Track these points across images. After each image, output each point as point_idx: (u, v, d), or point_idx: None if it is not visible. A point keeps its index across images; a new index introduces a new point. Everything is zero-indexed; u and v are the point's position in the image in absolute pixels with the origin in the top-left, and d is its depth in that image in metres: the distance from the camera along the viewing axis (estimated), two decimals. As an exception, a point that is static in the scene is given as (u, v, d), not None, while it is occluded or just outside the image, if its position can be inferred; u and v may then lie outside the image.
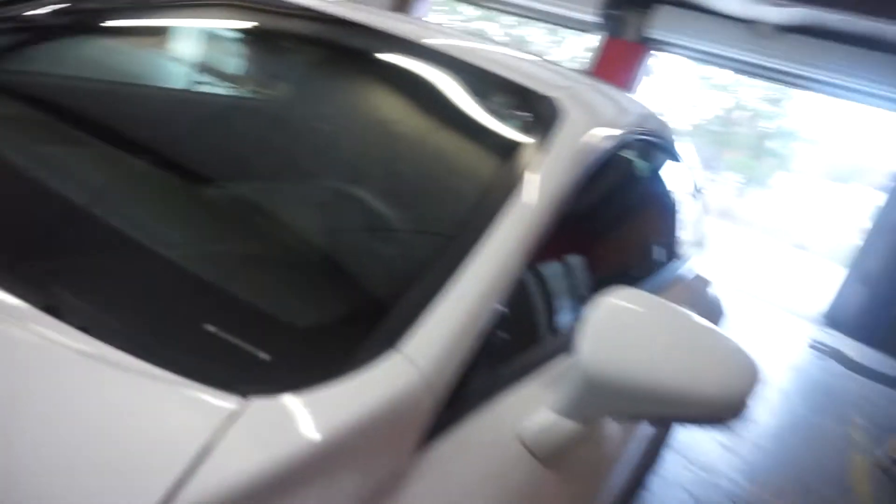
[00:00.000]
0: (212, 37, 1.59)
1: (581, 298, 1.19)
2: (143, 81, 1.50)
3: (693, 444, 3.47)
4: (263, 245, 0.93)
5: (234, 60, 1.59)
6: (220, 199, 1.00)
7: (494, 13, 10.77)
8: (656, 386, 0.75)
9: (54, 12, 1.43)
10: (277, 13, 1.51)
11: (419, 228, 1.02)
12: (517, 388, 0.89)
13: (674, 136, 1.90)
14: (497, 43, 1.58)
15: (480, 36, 1.75)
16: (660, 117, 1.78)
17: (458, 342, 0.74)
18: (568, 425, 0.82)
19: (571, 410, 0.81)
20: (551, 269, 1.10)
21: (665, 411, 0.78)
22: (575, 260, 1.23)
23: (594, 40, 9.55)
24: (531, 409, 0.85)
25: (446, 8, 10.94)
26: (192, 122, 1.30)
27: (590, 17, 9.09)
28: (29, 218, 0.79)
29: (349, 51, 1.39)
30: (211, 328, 0.67)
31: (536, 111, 1.16)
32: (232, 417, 0.54)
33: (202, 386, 0.56)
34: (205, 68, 1.57)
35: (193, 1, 1.59)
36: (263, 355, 0.66)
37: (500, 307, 0.83)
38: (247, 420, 0.54)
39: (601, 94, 1.43)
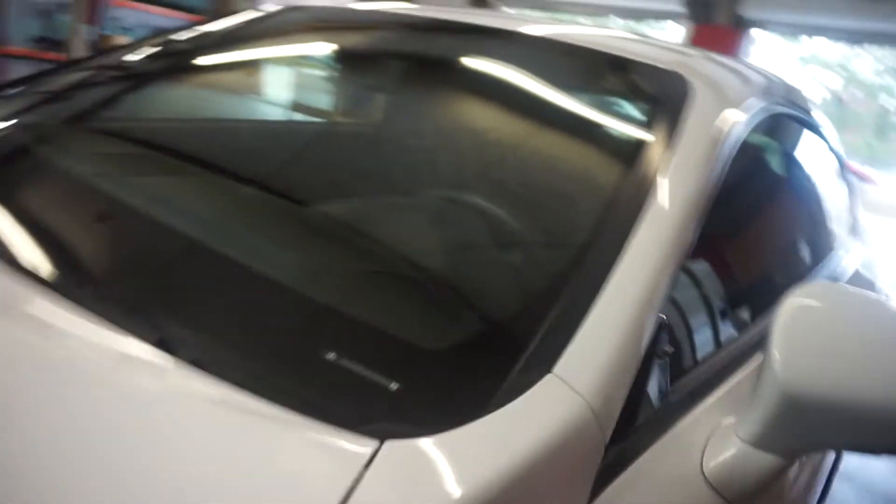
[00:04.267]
0: (311, 61, 1.62)
1: (747, 302, 1.06)
2: (252, 116, 1.55)
3: (862, 467, 3.12)
4: (388, 268, 0.86)
5: (338, 82, 1.61)
6: (342, 224, 0.95)
7: (567, 15, 10.66)
8: (882, 405, 0.62)
9: (151, 56, 1.47)
10: (372, 27, 1.53)
11: (552, 238, 0.94)
12: (692, 412, 0.77)
13: (811, 107, 1.73)
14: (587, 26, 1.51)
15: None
16: (794, 86, 1.63)
17: (619, 361, 0.64)
18: (764, 459, 0.69)
19: (767, 440, 0.68)
20: (706, 272, 0.98)
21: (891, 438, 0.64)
22: (728, 259, 1.11)
23: (680, 30, 9.24)
24: (714, 438, 0.73)
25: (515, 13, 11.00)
26: (306, 149, 1.31)
27: (673, 6, 8.81)
28: (149, 256, 0.77)
29: (455, 52, 1.36)
30: (339, 361, 0.61)
31: (662, 89, 1.07)
32: (367, 465, 0.48)
33: (333, 429, 0.51)
34: (312, 92, 1.60)
35: (281, 29, 1.60)
36: (398, 388, 0.58)
37: (660, 317, 0.72)
38: (382, 466, 0.48)
39: (722, 66, 1.32)
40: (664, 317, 0.72)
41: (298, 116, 1.65)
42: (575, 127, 1.13)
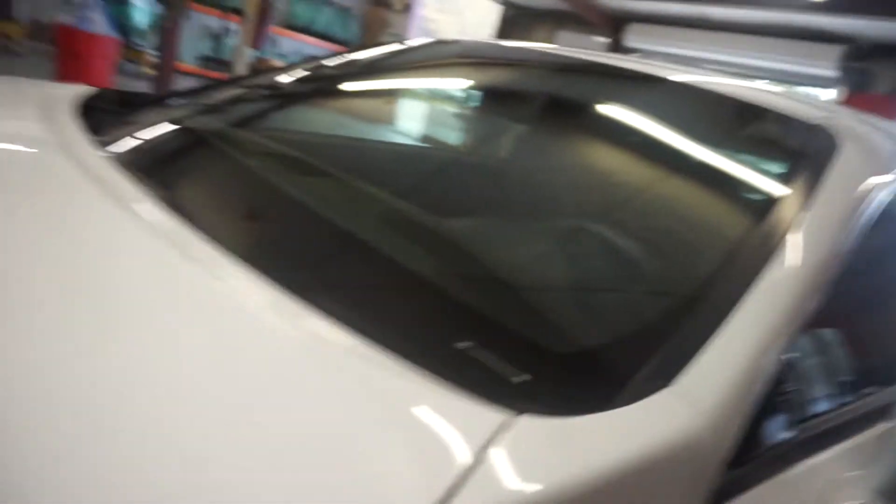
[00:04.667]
0: (452, 92, 1.73)
1: (875, 369, 1.01)
2: (394, 138, 1.69)
3: None
4: (532, 275, 0.93)
5: (476, 113, 1.70)
6: (497, 233, 1.03)
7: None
8: None
9: (303, 78, 1.64)
10: (515, 63, 1.61)
11: (684, 269, 0.95)
12: (814, 457, 0.76)
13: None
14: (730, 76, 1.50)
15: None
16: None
17: (742, 387, 0.65)
18: None
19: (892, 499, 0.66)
20: (835, 333, 0.96)
21: None
22: (858, 323, 1.07)
23: (831, 96, 8.78)
24: (836, 489, 0.71)
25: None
26: (448, 170, 1.41)
27: (827, 71, 8.40)
28: (313, 241, 0.88)
29: (596, 93, 1.41)
30: (482, 346, 0.66)
31: (807, 144, 1.06)
32: (503, 429, 0.52)
33: (474, 396, 0.57)
34: (451, 121, 1.71)
35: (424, 60, 1.72)
36: (531, 376, 0.63)
37: (785, 357, 0.72)
38: (517, 435, 0.52)
39: (877, 129, 1.27)
40: (789, 357, 0.72)
41: (440, 141, 1.76)
42: (712, 172, 1.14)
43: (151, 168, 0.96)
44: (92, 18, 5.48)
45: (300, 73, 1.64)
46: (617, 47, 9.57)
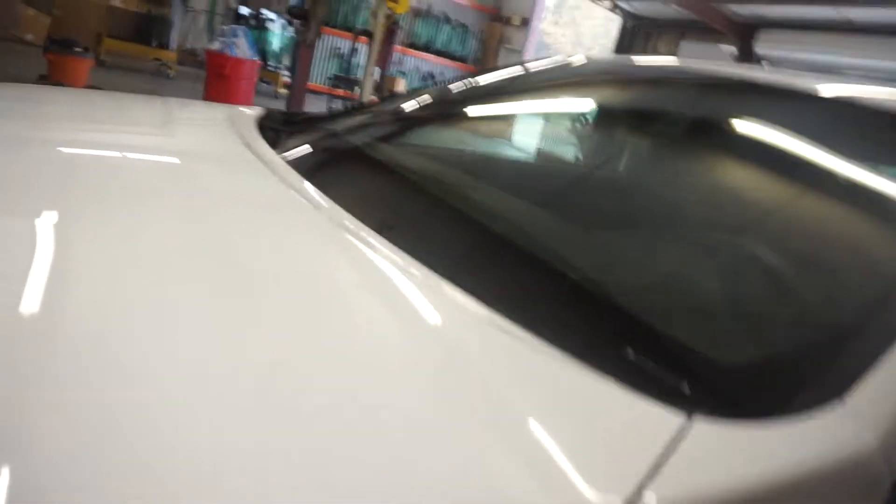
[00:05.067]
0: (594, 110, 1.76)
1: None
2: (533, 153, 1.76)
3: None
4: (705, 289, 0.96)
5: (616, 131, 1.73)
6: (664, 247, 1.07)
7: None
8: None
9: (444, 99, 1.74)
10: (648, 81, 1.62)
11: (858, 282, 0.94)
12: None
13: None
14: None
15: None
16: None
17: None
18: None
19: None
20: None
21: None
22: None
23: None
24: None
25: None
26: (592, 181, 1.47)
27: None
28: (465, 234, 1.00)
29: (731, 107, 1.40)
30: (658, 350, 0.70)
31: None
32: (681, 433, 0.55)
33: (651, 399, 0.60)
34: (592, 137, 1.76)
35: (560, 78, 1.77)
36: (702, 382, 0.66)
37: None
38: (693, 438, 0.55)
39: None
40: None
41: (591, 160, 1.80)
42: (879, 195, 1.10)
43: (311, 169, 1.18)
44: (237, 44, 5.98)
45: (432, 96, 1.75)
46: (747, 56, 9.15)
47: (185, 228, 0.84)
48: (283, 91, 9.53)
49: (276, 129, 1.41)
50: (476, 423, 0.57)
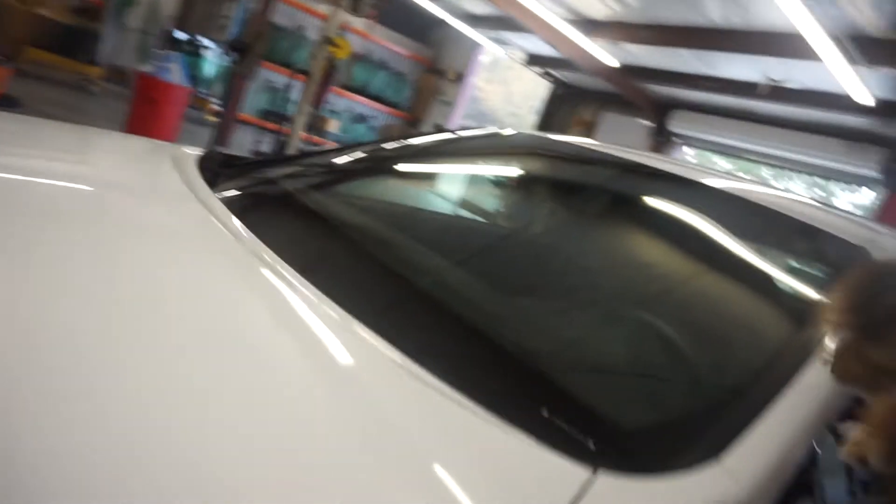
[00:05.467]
0: (508, 179, 1.89)
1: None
2: (450, 212, 1.86)
3: None
4: (605, 355, 1.06)
5: (526, 201, 1.86)
6: (562, 312, 1.18)
7: (749, 164, 10.54)
8: None
9: (380, 156, 1.84)
10: (557, 157, 1.78)
11: (737, 357, 1.08)
12: None
13: None
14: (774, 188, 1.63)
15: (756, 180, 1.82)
16: None
17: (778, 467, 0.76)
18: None
19: None
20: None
21: None
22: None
23: (868, 197, 8.82)
24: None
25: (697, 158, 11.00)
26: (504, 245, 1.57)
27: (867, 171, 8.48)
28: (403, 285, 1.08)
29: (642, 191, 1.56)
30: (566, 408, 0.79)
31: (844, 261, 1.17)
32: (586, 486, 0.64)
33: (556, 453, 0.68)
34: (508, 206, 1.88)
35: (487, 147, 1.91)
36: (605, 440, 0.76)
37: (815, 443, 0.83)
38: (598, 490, 0.64)
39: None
40: (817, 443, 0.84)
41: (492, 221, 1.92)
42: (764, 278, 1.26)
43: (243, 208, 1.25)
44: (171, 69, 5.90)
45: (367, 151, 1.85)
46: (660, 131, 9.81)
47: (106, 253, 0.89)
48: (210, 118, 9.40)
49: (214, 170, 1.46)
50: (385, 467, 0.63)
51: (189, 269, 0.92)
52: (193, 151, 1.57)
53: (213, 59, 10.00)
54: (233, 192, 1.31)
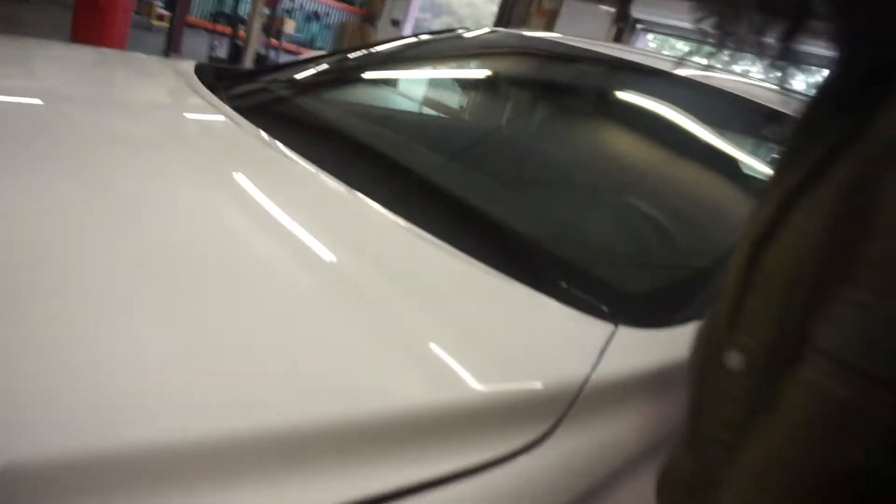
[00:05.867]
0: (494, 78, 1.94)
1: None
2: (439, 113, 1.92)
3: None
4: (615, 233, 1.19)
5: (506, 97, 1.93)
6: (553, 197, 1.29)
7: (708, 49, 10.49)
8: None
9: (367, 59, 1.87)
10: (537, 55, 1.84)
11: (717, 235, 1.21)
12: None
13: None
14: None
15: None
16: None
17: None
18: None
19: None
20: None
21: None
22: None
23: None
24: None
25: (657, 44, 10.94)
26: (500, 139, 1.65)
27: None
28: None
29: (620, 86, 1.64)
30: (577, 278, 0.92)
31: None
32: (611, 336, 0.77)
33: (582, 313, 0.81)
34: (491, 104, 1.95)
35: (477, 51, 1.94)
36: (616, 302, 0.88)
37: None
38: (620, 339, 0.77)
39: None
40: None
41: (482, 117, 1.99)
42: (729, 164, 1.39)
43: (243, 107, 1.32)
44: (112, -28, 5.54)
45: (368, 54, 1.88)
46: (623, 17, 9.67)
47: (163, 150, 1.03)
48: (157, 23, 8.92)
49: (210, 78, 1.50)
50: (424, 323, 0.73)
51: (221, 168, 1.02)
52: (187, 64, 1.59)
53: (152, -42, 9.38)
54: (243, 101, 1.39)
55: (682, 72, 1.55)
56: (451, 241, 0.89)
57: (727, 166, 1.38)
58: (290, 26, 7.22)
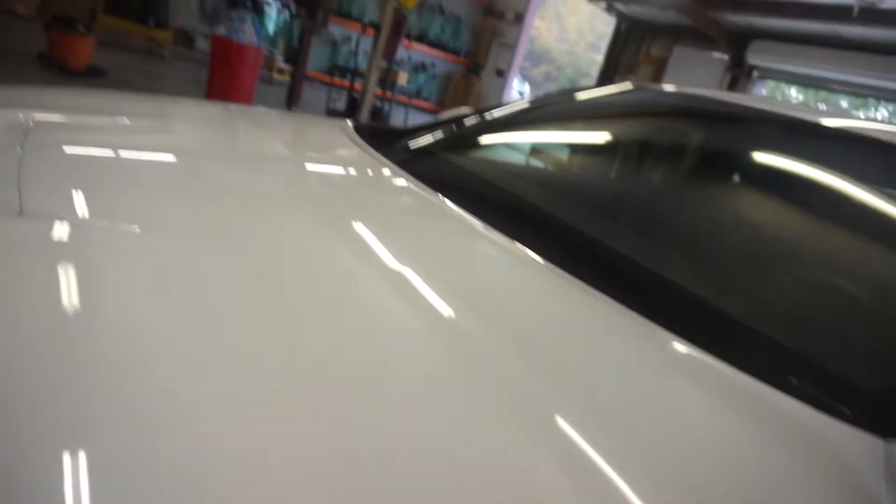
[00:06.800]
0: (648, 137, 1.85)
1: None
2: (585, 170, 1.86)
3: None
4: (836, 315, 1.04)
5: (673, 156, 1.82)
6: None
7: (830, 95, 10.02)
8: None
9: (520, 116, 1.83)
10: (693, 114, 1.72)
11: None
12: None
13: None
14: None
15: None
16: None
17: None
18: None
19: None
20: None
21: None
22: None
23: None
24: None
25: (770, 91, 10.51)
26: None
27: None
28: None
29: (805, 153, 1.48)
30: (817, 374, 0.80)
31: None
32: (889, 455, 0.65)
33: (842, 422, 0.69)
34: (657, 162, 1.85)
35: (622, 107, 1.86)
36: (875, 406, 0.76)
37: None
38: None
39: None
40: None
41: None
42: None
43: (409, 166, 1.37)
44: (244, 30, 5.93)
45: (502, 111, 1.84)
46: (737, 64, 9.38)
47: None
48: (278, 77, 9.46)
49: (372, 138, 1.51)
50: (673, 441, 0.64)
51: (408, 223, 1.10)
52: (347, 123, 1.62)
53: (273, 15, 10.02)
54: (405, 158, 1.44)
55: (873, 131, 1.40)
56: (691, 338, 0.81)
57: None
58: (402, 78, 7.45)
